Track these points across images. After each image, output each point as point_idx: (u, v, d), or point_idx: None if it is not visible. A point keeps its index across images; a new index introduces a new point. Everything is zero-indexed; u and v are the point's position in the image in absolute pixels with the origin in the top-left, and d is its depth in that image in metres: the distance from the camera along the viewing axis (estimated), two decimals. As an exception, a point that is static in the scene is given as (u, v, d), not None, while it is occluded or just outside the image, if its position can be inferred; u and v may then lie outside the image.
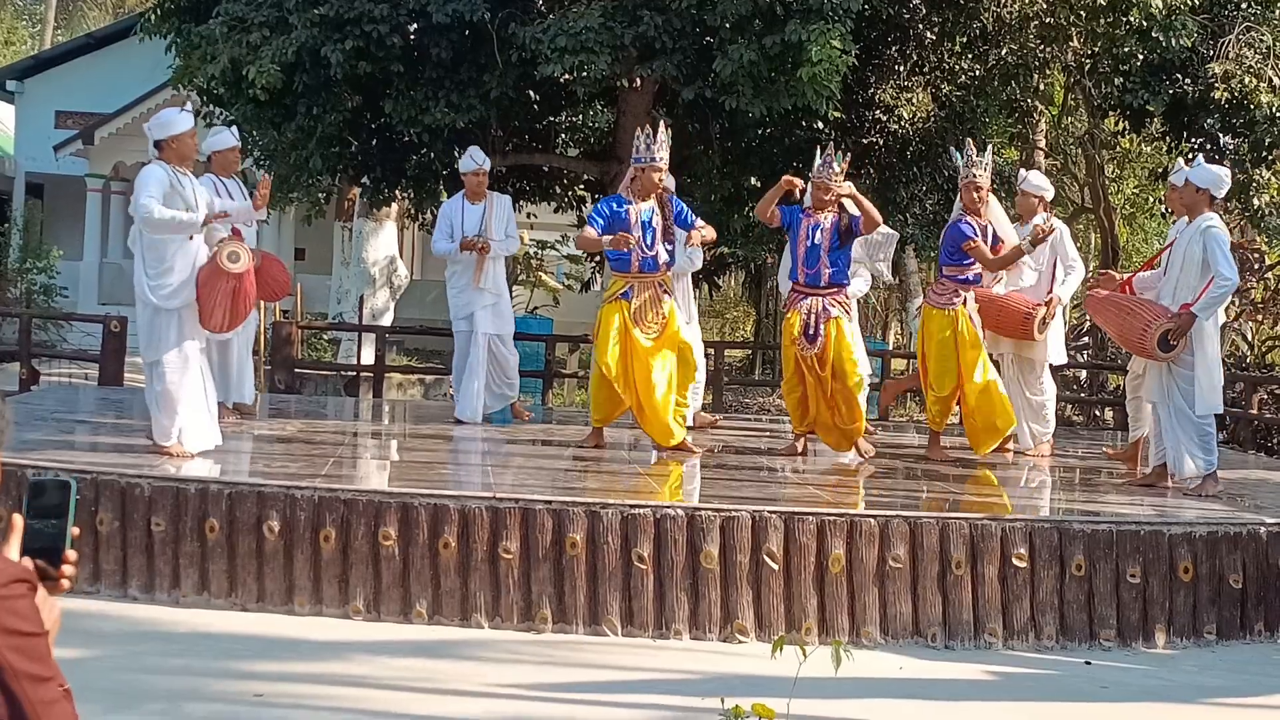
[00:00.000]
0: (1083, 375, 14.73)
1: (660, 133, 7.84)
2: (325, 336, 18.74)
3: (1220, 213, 7.52)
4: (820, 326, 7.81)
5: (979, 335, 8.20)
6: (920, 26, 12.51)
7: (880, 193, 13.20)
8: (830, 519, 5.83)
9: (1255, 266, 14.89)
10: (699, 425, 9.71)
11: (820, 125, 11.25)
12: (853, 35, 10.23)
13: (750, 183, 12.93)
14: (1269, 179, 12.83)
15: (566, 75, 10.83)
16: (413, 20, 11.03)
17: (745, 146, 12.77)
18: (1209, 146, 12.74)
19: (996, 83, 12.72)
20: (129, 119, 21.28)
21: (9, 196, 24.30)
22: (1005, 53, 12.50)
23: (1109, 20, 11.53)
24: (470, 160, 9.33)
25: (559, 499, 5.86)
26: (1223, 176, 7.26)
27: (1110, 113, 14.63)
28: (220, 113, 11.89)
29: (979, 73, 12.84)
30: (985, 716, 4.97)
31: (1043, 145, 18.18)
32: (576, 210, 14.98)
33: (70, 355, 14.19)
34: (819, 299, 7.85)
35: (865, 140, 13.06)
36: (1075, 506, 6.97)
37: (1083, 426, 13.75)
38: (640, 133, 7.91)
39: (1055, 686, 5.41)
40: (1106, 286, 7.81)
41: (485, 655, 5.35)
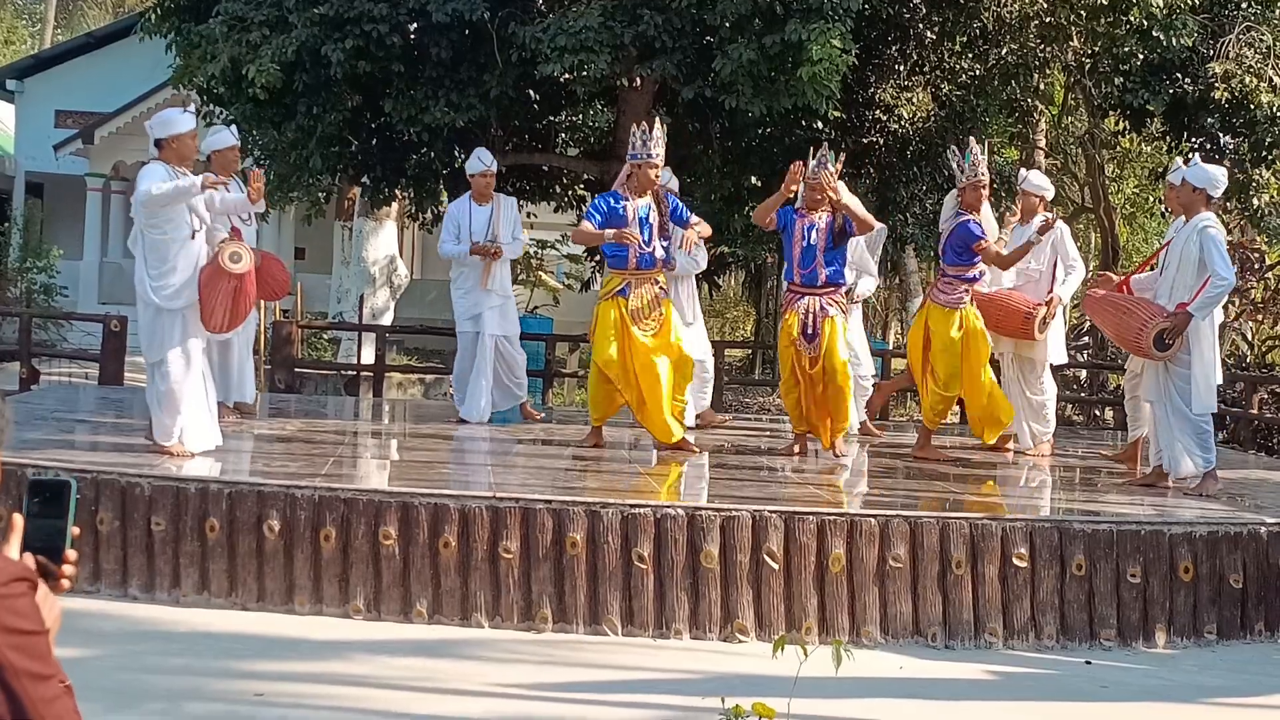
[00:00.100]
0: (1083, 375, 14.73)
1: (656, 129, 7.83)
2: (325, 336, 18.73)
3: (1219, 213, 7.52)
4: (818, 325, 7.81)
5: (985, 333, 8.22)
6: (920, 26, 12.51)
7: (880, 192, 13.21)
8: (830, 519, 5.83)
9: (1255, 266, 14.88)
10: (706, 423, 9.71)
11: (820, 125, 11.24)
12: (853, 34, 10.23)
13: (750, 182, 12.92)
14: (1269, 179, 12.83)
15: (566, 75, 10.83)
16: (413, 19, 11.03)
17: (745, 146, 12.76)
18: (1209, 146, 12.73)
19: (997, 82, 12.72)
20: (129, 118, 21.28)
21: (9, 196, 24.29)
22: (1005, 52, 12.50)
23: (1109, 20, 11.53)
24: (478, 161, 9.28)
25: (559, 498, 5.86)
26: (1219, 176, 7.26)
27: (1110, 112, 14.63)
28: (220, 112, 11.88)
29: (979, 72, 12.83)
30: (986, 716, 4.97)
31: (1043, 145, 18.18)
32: (576, 210, 14.96)
33: (70, 355, 14.19)
34: (816, 298, 7.85)
35: (865, 140, 13.06)
36: (1076, 506, 6.97)
37: (1083, 426, 13.74)
38: (636, 129, 7.89)
39: (1055, 686, 5.41)
40: (1104, 286, 7.81)
41: (485, 655, 5.35)
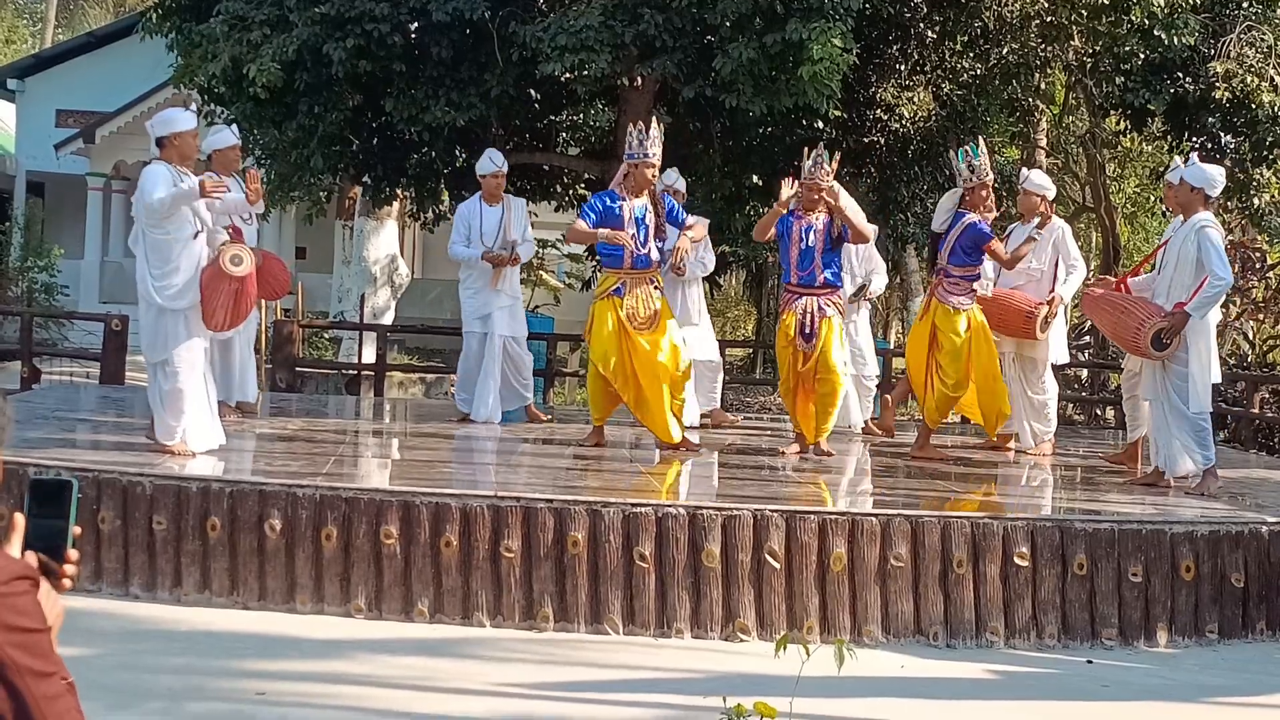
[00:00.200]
0: (1084, 374, 14.72)
1: (653, 129, 7.81)
2: (326, 335, 18.74)
3: (1219, 212, 7.52)
4: (816, 326, 7.79)
5: (989, 331, 8.22)
6: (921, 25, 12.52)
7: (881, 192, 13.22)
8: (832, 518, 5.83)
9: (1256, 265, 14.86)
10: (716, 423, 9.72)
11: (821, 124, 11.25)
12: (853, 34, 10.23)
13: (751, 181, 12.92)
14: (1269, 178, 12.83)
15: (567, 74, 10.83)
16: (413, 19, 11.04)
17: (746, 145, 12.76)
18: (1210, 145, 12.74)
19: (998, 82, 12.73)
20: (130, 118, 21.29)
21: (10, 195, 24.30)
22: (1006, 52, 12.50)
23: (1110, 19, 11.54)
24: (489, 162, 9.24)
25: (560, 498, 5.85)
26: (1217, 176, 7.24)
27: (1111, 112, 14.63)
28: (221, 111, 11.89)
29: (980, 71, 12.84)
30: (987, 715, 4.96)
31: (1044, 144, 18.19)
32: (577, 209, 14.95)
33: (71, 354, 14.18)
34: (814, 299, 7.83)
35: (866, 139, 13.07)
36: (1077, 505, 6.97)
37: (1084, 425, 13.74)
38: (633, 129, 7.87)
39: (1057, 685, 5.40)
40: (1103, 285, 7.81)
41: (487, 654, 5.35)
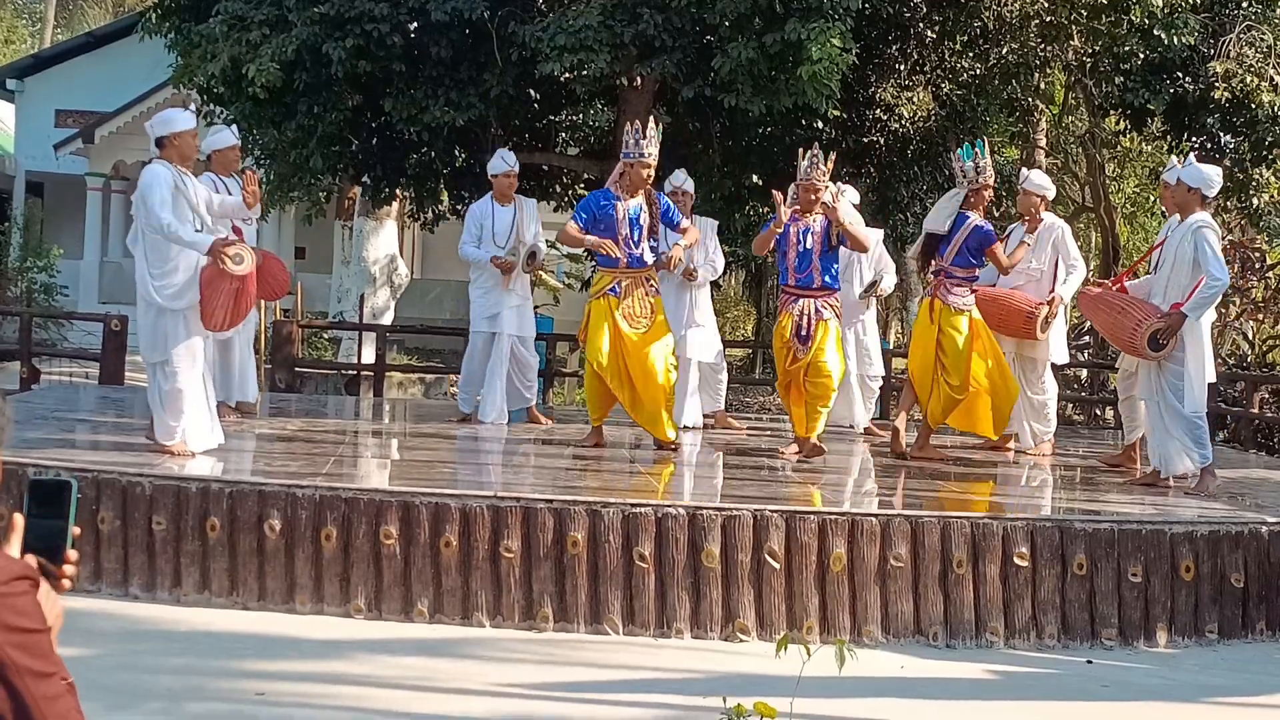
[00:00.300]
0: (1084, 374, 14.72)
1: (649, 128, 7.79)
2: (326, 335, 18.74)
3: (1218, 213, 7.51)
4: (812, 328, 7.76)
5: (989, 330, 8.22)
6: (921, 25, 12.51)
7: (880, 191, 13.22)
8: (832, 518, 5.83)
9: (1256, 265, 14.87)
10: (720, 424, 9.73)
11: (820, 124, 11.24)
12: (853, 34, 10.22)
13: (751, 181, 12.93)
14: (1269, 178, 12.82)
15: (566, 74, 10.83)
16: (413, 19, 11.03)
17: (746, 145, 12.76)
18: (1210, 145, 12.73)
19: (997, 81, 12.72)
20: (129, 118, 21.29)
21: (9, 195, 24.29)
22: (1006, 51, 12.50)
23: (1110, 19, 11.53)
24: (501, 162, 9.21)
25: (560, 498, 5.85)
26: (1214, 176, 7.23)
27: (1111, 111, 14.63)
28: (220, 111, 11.89)
29: (980, 71, 12.84)
30: (987, 715, 4.96)
31: (1043, 144, 18.19)
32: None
33: (71, 354, 14.18)
34: (811, 301, 7.79)
35: (866, 139, 13.07)
36: (1077, 505, 6.96)
37: (1084, 425, 13.74)
38: (629, 128, 7.86)
39: (1057, 686, 5.40)
40: (1100, 285, 7.81)
41: (487, 654, 5.35)
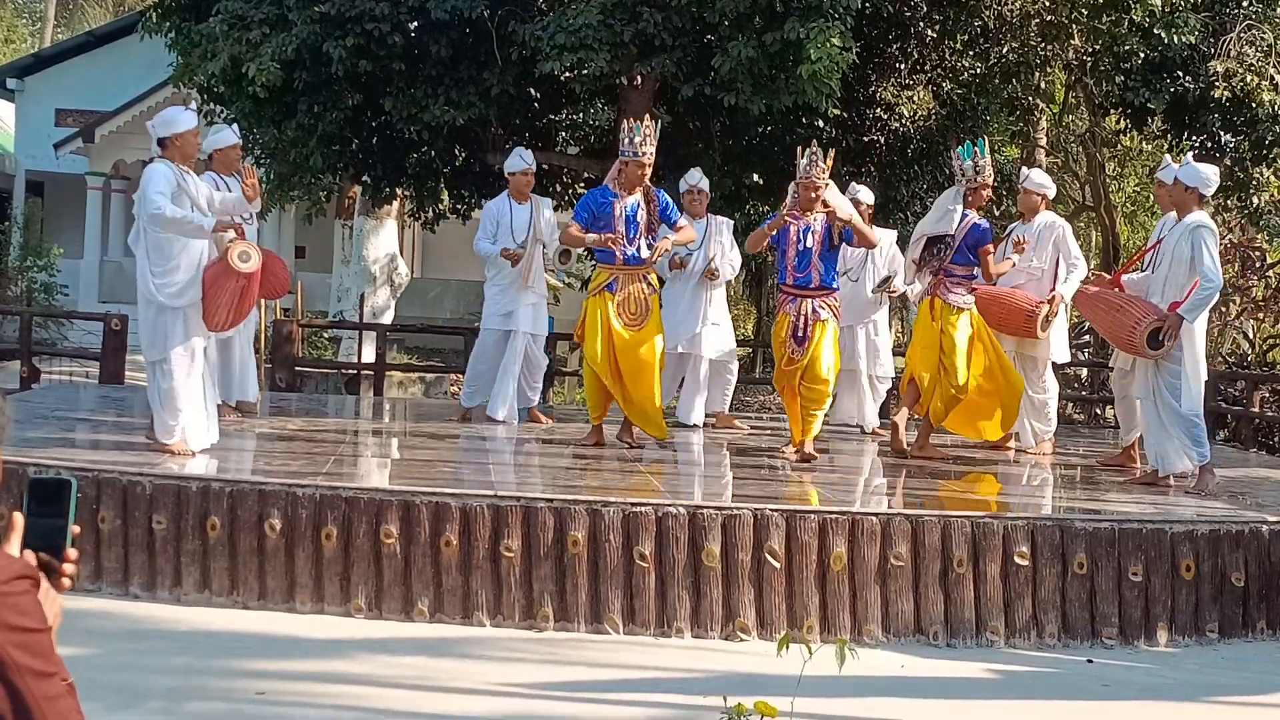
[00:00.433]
0: (1084, 373, 14.71)
1: (646, 127, 7.79)
2: (326, 335, 18.74)
3: (1218, 212, 7.51)
4: (809, 329, 7.74)
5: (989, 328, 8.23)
6: (921, 24, 12.51)
7: (881, 191, 13.19)
8: (832, 517, 5.83)
9: (1256, 264, 14.87)
10: (723, 425, 9.73)
11: (821, 123, 11.24)
12: (853, 33, 10.22)
13: (751, 180, 12.92)
14: (1269, 177, 12.81)
15: (566, 73, 10.83)
16: (413, 18, 11.03)
17: (746, 144, 12.75)
18: (1210, 144, 12.72)
19: (998, 80, 12.72)
20: (129, 117, 21.28)
21: (9, 194, 24.29)
22: (1006, 50, 12.49)
23: (1110, 18, 11.53)
24: (519, 160, 9.16)
25: (560, 497, 5.85)
26: (1211, 175, 7.21)
27: (1111, 110, 14.60)
28: (221, 110, 11.88)
29: (980, 70, 12.83)
30: (987, 715, 4.96)
31: (1044, 143, 18.17)
32: (576, 209, 14.96)
33: (71, 353, 14.17)
34: (809, 301, 7.76)
35: (866, 138, 13.06)
36: (1077, 505, 6.96)
37: (1084, 424, 13.73)
38: (626, 127, 7.86)
39: (1057, 685, 5.40)
40: (1098, 283, 7.80)
41: (487, 653, 5.35)
